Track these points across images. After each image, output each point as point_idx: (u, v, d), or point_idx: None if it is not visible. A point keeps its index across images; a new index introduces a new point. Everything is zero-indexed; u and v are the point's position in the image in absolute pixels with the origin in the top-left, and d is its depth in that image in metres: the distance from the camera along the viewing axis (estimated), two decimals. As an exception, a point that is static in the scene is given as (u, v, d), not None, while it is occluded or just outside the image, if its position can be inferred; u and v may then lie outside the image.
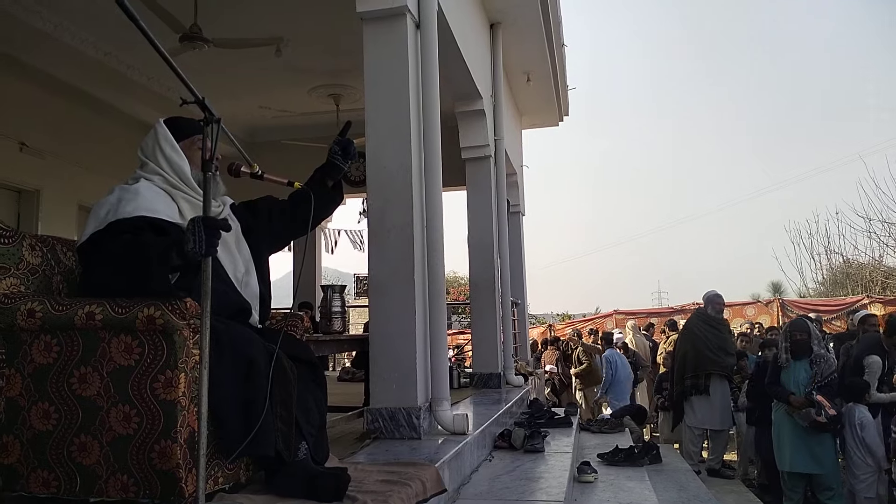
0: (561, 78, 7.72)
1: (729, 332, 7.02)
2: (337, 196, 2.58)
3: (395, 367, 3.12)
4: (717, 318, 6.85)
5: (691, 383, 6.52)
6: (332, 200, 2.57)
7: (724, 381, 6.52)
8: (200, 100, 1.69)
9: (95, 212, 1.98)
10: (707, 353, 6.50)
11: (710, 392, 6.43)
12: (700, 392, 6.46)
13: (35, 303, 1.84)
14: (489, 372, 5.50)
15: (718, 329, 6.75)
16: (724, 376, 6.50)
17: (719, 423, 6.52)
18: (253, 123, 8.46)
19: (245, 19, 5.58)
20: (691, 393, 6.53)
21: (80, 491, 1.79)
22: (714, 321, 6.77)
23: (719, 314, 6.89)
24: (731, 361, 6.61)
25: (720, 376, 6.48)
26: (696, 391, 6.48)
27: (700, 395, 6.48)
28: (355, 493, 1.96)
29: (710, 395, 6.44)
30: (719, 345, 6.59)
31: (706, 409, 6.48)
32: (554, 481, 3.00)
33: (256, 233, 2.36)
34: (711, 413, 6.46)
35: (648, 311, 15.22)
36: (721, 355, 6.53)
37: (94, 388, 1.78)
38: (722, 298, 6.96)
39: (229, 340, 1.88)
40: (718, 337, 6.66)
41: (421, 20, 3.45)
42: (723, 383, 6.51)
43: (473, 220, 5.67)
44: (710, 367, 6.45)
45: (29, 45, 5.60)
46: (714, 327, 6.72)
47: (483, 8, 5.65)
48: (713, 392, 6.44)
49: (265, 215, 2.43)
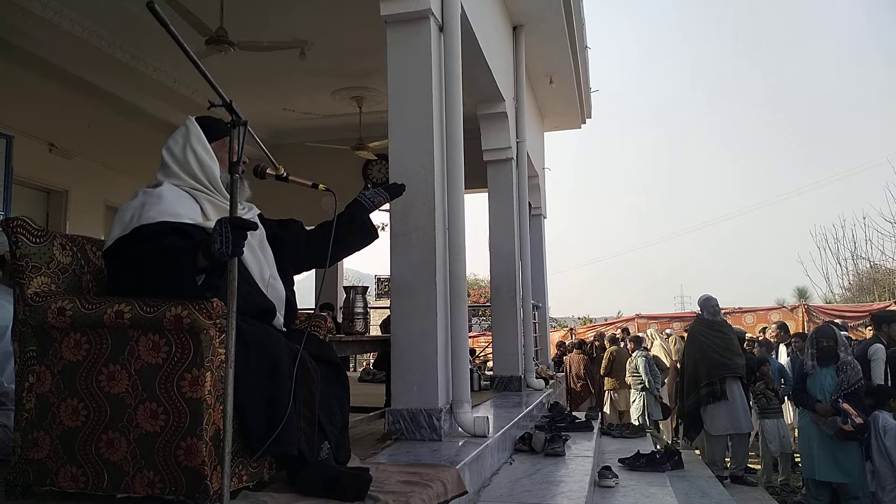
0: (584, 80, 7.68)
1: (734, 332, 6.90)
2: (370, 235, 2.61)
3: (416, 369, 3.13)
4: (717, 320, 6.77)
5: (707, 391, 6.40)
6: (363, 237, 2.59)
7: (738, 382, 6.43)
8: (228, 103, 1.71)
9: (120, 216, 1.98)
10: (717, 358, 6.41)
11: (728, 396, 6.36)
12: (718, 398, 6.37)
13: (65, 301, 1.88)
14: (510, 375, 5.48)
15: (721, 331, 6.66)
16: (737, 377, 6.41)
17: (743, 427, 6.42)
18: (277, 126, 8.53)
19: (270, 22, 5.64)
20: (709, 401, 6.42)
21: (107, 487, 1.82)
22: (715, 324, 6.70)
23: (716, 315, 6.80)
24: (741, 362, 6.50)
25: (734, 378, 6.40)
26: (714, 398, 6.38)
27: (718, 402, 6.39)
28: (377, 493, 1.97)
29: (729, 400, 6.36)
30: (726, 346, 6.50)
31: (725, 414, 6.38)
32: (575, 485, 2.99)
33: (282, 244, 2.37)
34: (731, 418, 6.37)
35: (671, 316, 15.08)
36: (731, 356, 6.44)
37: (122, 385, 1.81)
38: (715, 300, 6.85)
39: (254, 340, 1.90)
40: (723, 339, 6.57)
41: (444, 23, 3.46)
42: (738, 385, 6.42)
43: (495, 222, 5.66)
44: (723, 371, 6.37)
45: (57, 47, 5.69)
46: (717, 330, 6.64)
47: (506, 10, 5.65)
48: (731, 395, 6.36)
49: (293, 235, 2.45)
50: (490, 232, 5.66)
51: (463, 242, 3.41)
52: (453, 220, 3.37)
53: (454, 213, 3.38)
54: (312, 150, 7.87)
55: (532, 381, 5.75)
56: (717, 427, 6.46)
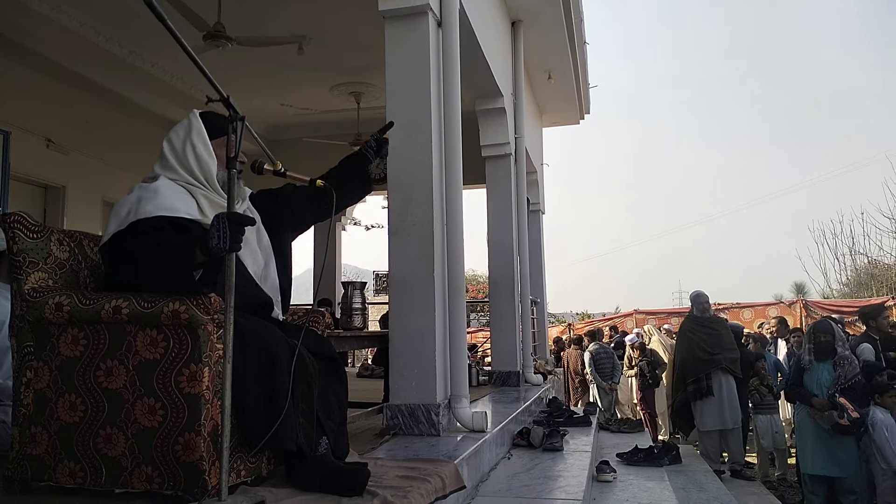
0: (582, 76, 7.68)
1: (726, 328, 6.89)
2: (366, 186, 2.65)
3: (414, 364, 3.13)
4: (707, 316, 6.79)
5: (694, 388, 6.46)
6: (358, 190, 2.63)
7: (729, 376, 6.44)
8: (226, 98, 1.71)
9: (116, 211, 1.98)
10: (701, 355, 6.45)
11: (714, 391, 6.38)
12: (704, 395, 6.41)
13: (63, 297, 1.88)
14: (508, 370, 5.49)
15: (711, 327, 6.68)
16: (726, 371, 6.42)
17: (729, 422, 6.43)
18: (274, 121, 8.52)
19: (268, 17, 5.62)
20: (696, 398, 6.47)
21: (105, 482, 1.82)
22: (706, 321, 6.72)
23: (706, 312, 6.81)
24: (730, 356, 6.50)
25: (722, 371, 6.41)
26: (701, 394, 6.42)
27: (704, 399, 6.42)
28: (375, 488, 1.97)
29: (716, 395, 6.38)
30: (714, 342, 6.51)
31: (713, 410, 6.40)
32: (573, 480, 2.99)
33: (279, 220, 2.38)
34: (719, 413, 6.38)
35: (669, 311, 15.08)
36: (718, 351, 6.44)
37: (120, 380, 1.81)
38: (706, 296, 6.88)
39: (252, 335, 1.90)
40: (713, 335, 6.57)
41: (443, 18, 3.46)
42: (727, 379, 6.42)
43: (493, 218, 5.66)
44: (708, 367, 6.40)
45: (54, 43, 5.68)
46: (706, 326, 6.66)
47: (505, 6, 5.64)
48: (717, 391, 6.38)
49: (287, 202, 2.46)
50: (488, 227, 5.66)
51: (461, 238, 3.41)
52: (451, 215, 3.37)
53: (452, 209, 3.38)
54: (310, 146, 7.85)
55: (530, 376, 5.76)
56: (705, 423, 6.50)
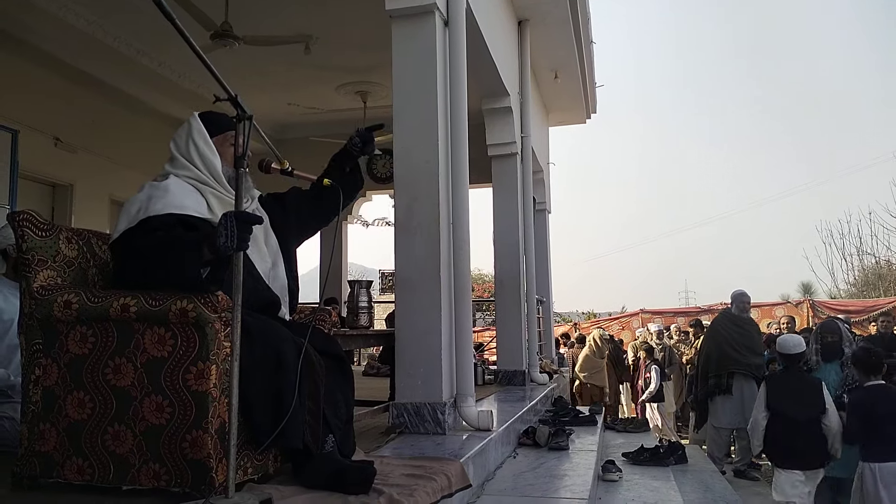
0: (589, 75, 7.67)
1: (758, 332, 6.90)
2: (359, 181, 2.65)
3: (420, 363, 3.13)
4: (744, 317, 6.75)
5: (714, 383, 6.44)
6: (354, 187, 2.62)
7: (751, 380, 6.42)
8: (233, 97, 1.71)
9: (127, 209, 2.01)
10: (730, 352, 6.40)
11: (734, 391, 6.36)
12: (723, 391, 6.39)
13: (71, 294, 1.89)
14: (514, 369, 5.49)
15: (745, 328, 6.65)
16: (749, 376, 6.40)
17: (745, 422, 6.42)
18: (281, 120, 8.55)
19: (275, 17, 5.64)
20: (715, 393, 6.45)
21: (113, 479, 1.83)
22: (740, 320, 6.68)
23: (745, 313, 6.78)
24: (757, 361, 6.48)
25: (745, 375, 6.38)
26: (719, 391, 6.41)
27: (723, 395, 6.40)
28: (381, 486, 1.98)
29: (734, 395, 6.36)
30: (745, 343, 6.48)
31: (730, 408, 6.38)
32: (578, 479, 2.99)
33: (286, 224, 2.39)
34: (736, 413, 6.37)
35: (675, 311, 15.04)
36: (746, 353, 6.41)
37: (127, 378, 1.82)
38: (748, 297, 6.84)
39: (259, 334, 1.91)
40: (744, 336, 6.55)
41: (449, 18, 3.45)
42: (749, 383, 6.39)
43: (499, 217, 5.66)
44: (732, 366, 6.36)
45: (61, 41, 5.71)
46: (740, 326, 6.62)
47: (511, 5, 5.63)
48: (736, 391, 6.35)
49: (294, 207, 2.47)
50: (494, 227, 5.66)
51: (467, 237, 3.41)
52: (458, 214, 3.37)
53: (459, 208, 3.38)
54: (317, 145, 7.86)
55: (536, 375, 5.76)
56: (719, 420, 6.48)
